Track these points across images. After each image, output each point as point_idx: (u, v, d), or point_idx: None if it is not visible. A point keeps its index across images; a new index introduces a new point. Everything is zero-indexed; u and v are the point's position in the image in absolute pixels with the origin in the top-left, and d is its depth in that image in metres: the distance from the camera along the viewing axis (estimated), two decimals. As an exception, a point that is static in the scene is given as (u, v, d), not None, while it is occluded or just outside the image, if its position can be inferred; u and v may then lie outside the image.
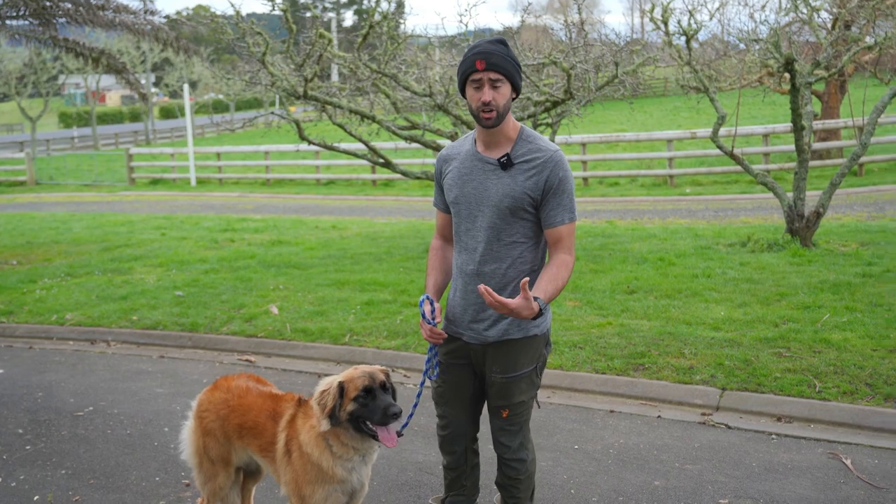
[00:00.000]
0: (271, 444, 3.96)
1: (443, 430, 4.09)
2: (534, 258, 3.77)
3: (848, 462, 5.20)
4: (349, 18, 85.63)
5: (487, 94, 3.56)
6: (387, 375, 3.71)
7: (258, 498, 4.96)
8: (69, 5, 13.52)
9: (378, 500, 4.95)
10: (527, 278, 3.43)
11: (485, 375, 3.91)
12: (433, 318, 3.76)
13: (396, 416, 3.56)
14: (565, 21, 12.14)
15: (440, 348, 3.96)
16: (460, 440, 4.08)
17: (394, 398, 3.69)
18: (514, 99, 3.71)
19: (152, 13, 15.32)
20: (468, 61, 3.62)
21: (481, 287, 3.38)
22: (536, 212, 3.70)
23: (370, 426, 3.61)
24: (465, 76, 3.64)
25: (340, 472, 3.72)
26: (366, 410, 3.60)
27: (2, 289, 11.35)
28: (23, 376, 7.80)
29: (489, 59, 3.56)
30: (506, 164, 3.66)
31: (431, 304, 3.80)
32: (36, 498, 5.20)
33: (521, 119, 11.34)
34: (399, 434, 3.94)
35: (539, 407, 4.30)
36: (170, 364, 8.09)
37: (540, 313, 3.49)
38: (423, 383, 4.03)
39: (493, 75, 3.57)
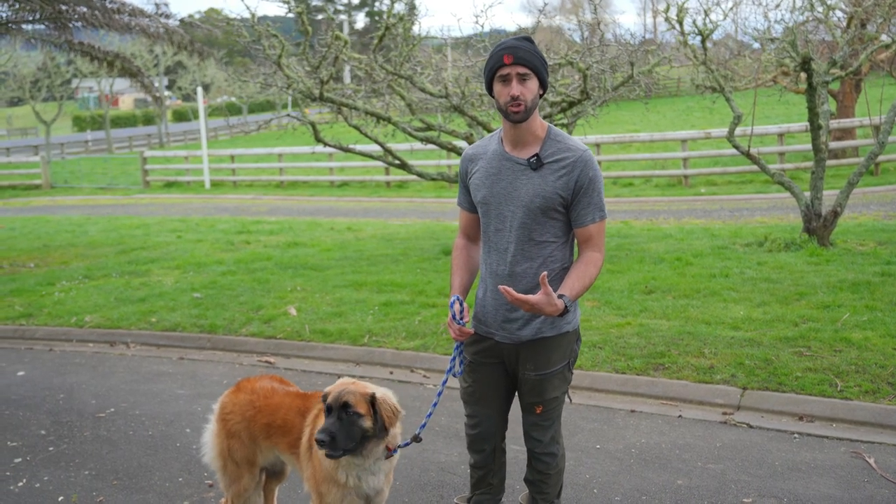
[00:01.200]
0: (298, 441, 3.97)
1: (473, 429, 4.08)
2: (563, 256, 3.78)
3: (871, 461, 5.18)
4: (360, 20, 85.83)
5: (516, 88, 3.58)
6: (369, 400, 3.59)
7: (280, 498, 4.98)
8: (85, 9, 13.58)
9: (401, 500, 4.96)
10: (545, 272, 3.46)
11: (517, 373, 3.91)
12: (462, 318, 3.76)
13: (318, 442, 3.48)
14: (578, 21, 12.13)
15: (470, 348, 3.96)
16: (491, 439, 4.07)
17: (374, 423, 3.58)
18: (541, 96, 3.72)
19: (167, 16, 15.34)
20: (496, 57, 3.63)
21: (501, 287, 3.42)
22: (566, 211, 3.71)
23: None
24: (493, 71, 3.66)
25: (342, 477, 3.71)
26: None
27: (20, 291, 11.42)
28: (44, 378, 7.85)
29: (516, 53, 3.58)
30: (536, 164, 3.66)
31: (461, 303, 3.79)
32: (60, 499, 5.23)
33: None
34: (418, 439, 3.91)
35: (571, 402, 4.30)
36: (190, 365, 8.12)
37: (566, 310, 3.51)
38: (444, 382, 4.03)
39: (521, 69, 3.59)
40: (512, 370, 3.93)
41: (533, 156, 3.67)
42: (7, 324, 9.88)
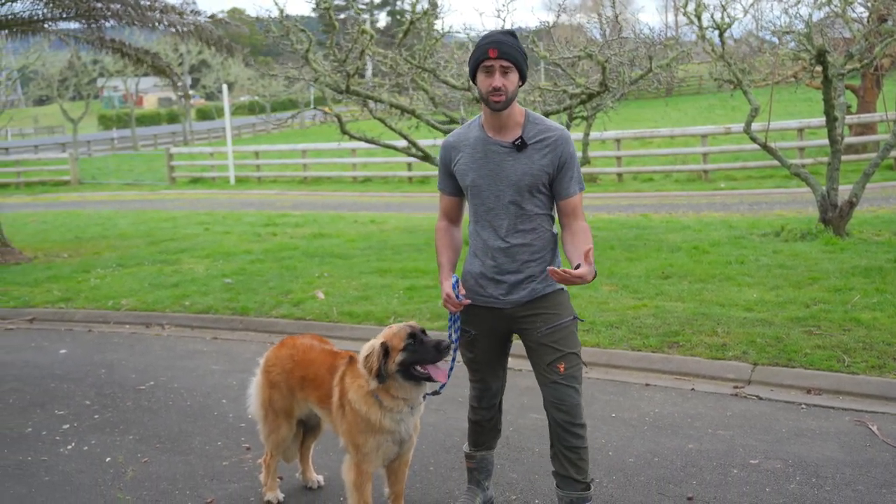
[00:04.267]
0: (328, 397, 4.31)
1: (483, 390, 4.39)
2: (550, 226, 4.16)
3: (874, 428, 5.45)
4: (382, 19, 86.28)
5: (498, 80, 3.92)
6: (422, 329, 4.04)
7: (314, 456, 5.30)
8: (118, 6, 13.97)
9: (427, 461, 5.28)
10: (590, 247, 3.78)
11: (524, 337, 4.17)
12: (460, 294, 4.10)
13: (448, 347, 3.92)
14: (598, 16, 12.39)
15: (470, 323, 4.24)
16: (498, 393, 4.44)
17: None
18: (520, 86, 4.06)
19: (196, 13, 15.71)
20: (481, 49, 3.97)
21: (550, 269, 3.72)
22: (550, 186, 4.08)
23: (420, 369, 3.93)
24: (478, 63, 4.00)
25: (388, 424, 4.05)
26: (416, 355, 3.92)
27: (58, 278, 11.83)
28: (85, 355, 8.23)
29: (500, 47, 3.92)
30: (521, 146, 4.00)
31: (458, 282, 4.15)
32: (108, 459, 5.58)
33: (556, 112, 11.63)
34: (437, 393, 4.21)
35: (587, 367, 4.57)
36: (223, 344, 8.48)
37: (595, 274, 3.87)
38: (455, 349, 4.27)
39: (504, 63, 3.92)
40: (511, 332, 4.26)
41: (517, 139, 4.01)
42: (47, 307, 10.29)
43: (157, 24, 14.40)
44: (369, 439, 4.07)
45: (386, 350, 3.94)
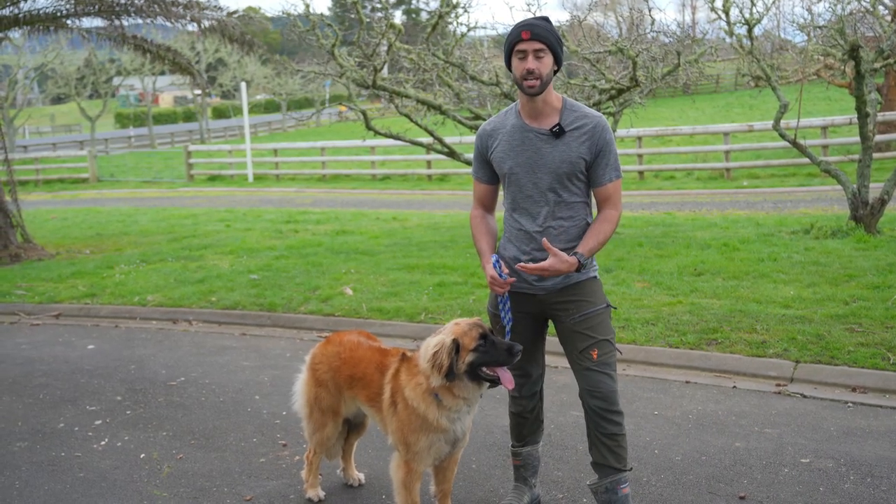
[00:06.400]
0: (378, 395, 4.21)
1: (524, 380, 4.31)
2: (587, 213, 4.10)
3: (926, 427, 5.33)
4: (398, 17, 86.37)
5: (531, 63, 3.86)
6: (491, 329, 3.95)
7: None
8: (142, 1, 13.93)
9: (469, 459, 5.19)
10: (545, 238, 3.84)
11: (557, 324, 4.12)
12: (504, 273, 4.02)
13: (520, 351, 3.82)
14: (616, 17, 12.30)
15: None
16: (538, 381, 4.37)
17: None
18: (555, 72, 3.99)
19: (219, 9, 15.66)
20: (514, 32, 3.92)
21: (519, 265, 3.83)
22: (586, 173, 4.02)
23: (487, 371, 3.83)
24: (512, 46, 3.94)
25: (445, 423, 3.96)
26: (487, 356, 3.81)
27: (82, 274, 11.79)
28: (113, 351, 8.16)
29: (534, 30, 3.87)
30: (558, 132, 3.93)
31: (500, 261, 4.06)
32: (142, 456, 5.51)
33: (585, 108, 11.51)
34: (493, 385, 4.11)
35: (621, 354, 4.47)
36: (252, 340, 8.40)
37: (580, 265, 3.85)
38: (508, 334, 4.16)
39: (537, 45, 3.86)
40: (546, 317, 4.21)
41: (555, 125, 3.94)
42: (72, 303, 10.25)
43: (180, 18, 14.34)
44: (422, 438, 3.97)
45: (458, 347, 3.84)
